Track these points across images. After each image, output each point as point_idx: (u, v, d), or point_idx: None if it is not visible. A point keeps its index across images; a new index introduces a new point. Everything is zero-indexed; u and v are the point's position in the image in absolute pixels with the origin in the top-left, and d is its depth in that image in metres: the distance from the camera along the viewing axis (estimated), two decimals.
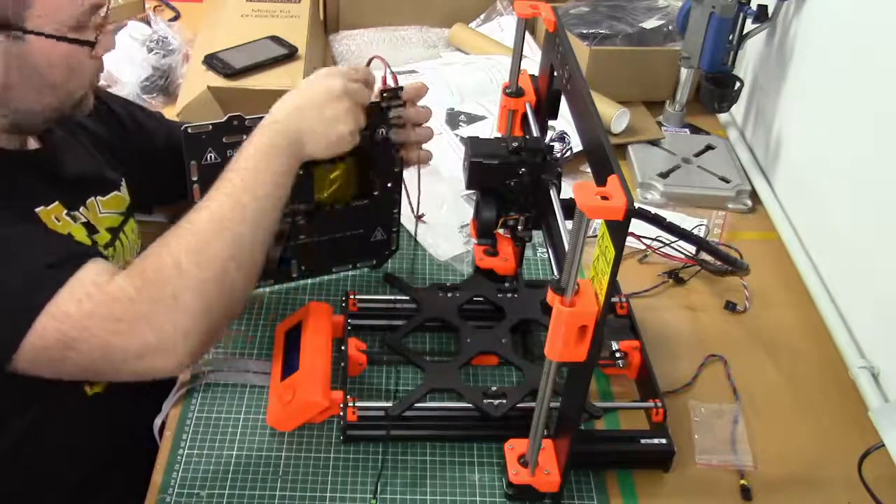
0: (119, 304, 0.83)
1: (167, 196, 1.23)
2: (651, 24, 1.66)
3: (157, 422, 1.04)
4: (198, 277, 0.85)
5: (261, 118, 0.98)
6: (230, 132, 1.00)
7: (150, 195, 1.19)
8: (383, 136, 1.07)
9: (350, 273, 1.24)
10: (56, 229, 0.94)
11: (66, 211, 0.98)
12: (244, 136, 0.98)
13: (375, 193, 1.14)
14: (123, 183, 1.11)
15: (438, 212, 1.32)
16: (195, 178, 1.02)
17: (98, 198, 1.05)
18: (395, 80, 1.06)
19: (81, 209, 1.01)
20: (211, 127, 0.99)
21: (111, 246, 1.05)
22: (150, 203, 1.23)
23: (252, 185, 0.91)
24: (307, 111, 0.96)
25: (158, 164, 1.16)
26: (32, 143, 0.99)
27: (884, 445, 0.99)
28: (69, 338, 0.82)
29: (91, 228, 1.01)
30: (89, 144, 1.09)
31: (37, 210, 0.94)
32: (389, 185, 1.14)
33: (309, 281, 1.21)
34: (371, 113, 1.04)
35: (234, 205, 0.89)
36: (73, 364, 0.84)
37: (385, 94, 1.05)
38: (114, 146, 1.13)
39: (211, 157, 1.01)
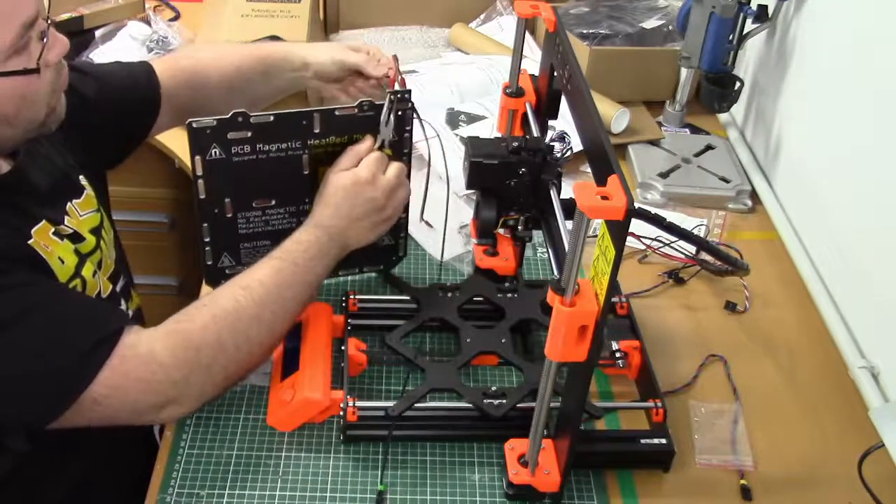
0: (154, 368, 0.89)
1: (128, 142, 1.20)
2: (651, 24, 1.66)
3: None
4: (232, 357, 0.93)
5: (267, 116, 1.00)
6: (234, 128, 1.00)
7: (106, 157, 1.16)
8: (391, 141, 1.06)
9: None
10: (47, 257, 0.92)
11: (52, 230, 0.95)
12: (248, 133, 1.00)
13: None
14: (82, 177, 1.07)
15: (439, 213, 1.32)
16: (200, 174, 1.02)
17: (74, 201, 1.03)
18: (403, 84, 1.06)
19: (66, 220, 0.99)
20: (215, 122, 0.99)
21: (97, 249, 1.03)
22: (107, 165, 1.19)
23: (299, 280, 0.99)
24: (355, 223, 1.04)
25: (104, 122, 1.12)
26: (4, 167, 0.94)
27: (884, 445, 0.99)
28: (102, 396, 0.87)
29: (76, 238, 0.99)
30: (47, 142, 1.03)
31: (32, 233, 0.92)
32: None
33: None
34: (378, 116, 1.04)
35: (278, 297, 0.97)
36: (97, 416, 0.89)
37: (392, 97, 1.04)
38: (65, 125, 1.06)
39: (215, 152, 1.01)
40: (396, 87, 1.09)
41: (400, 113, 1.05)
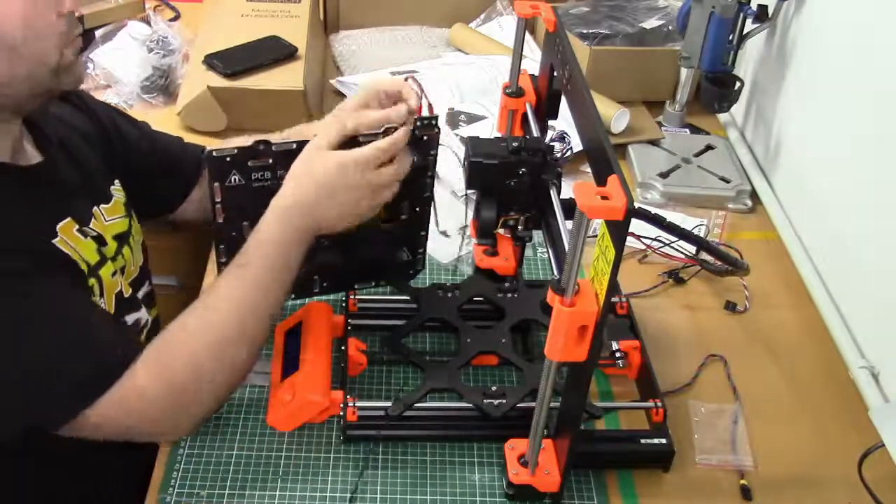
0: (142, 402, 0.89)
1: (146, 208, 1.18)
2: (651, 24, 1.66)
3: None
4: (216, 380, 0.93)
5: (290, 144, 0.99)
6: (255, 156, 0.99)
7: (144, 204, 1.15)
8: (415, 164, 1.04)
9: None
10: (71, 253, 0.93)
11: (76, 227, 0.96)
12: (270, 160, 0.99)
13: (403, 217, 1.11)
14: (117, 183, 1.09)
15: (438, 214, 1.32)
16: (219, 200, 1.00)
17: (102, 206, 1.03)
18: (431, 110, 1.03)
19: (92, 221, 0.99)
20: (236, 150, 0.98)
21: (119, 254, 1.03)
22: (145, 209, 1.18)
23: (269, 281, 0.96)
24: (327, 207, 0.97)
25: (136, 174, 1.13)
26: (34, 157, 0.96)
27: (884, 445, 0.99)
28: (93, 423, 0.88)
29: (100, 241, 1.00)
30: (82, 144, 1.05)
31: (57, 229, 0.93)
32: (418, 209, 1.11)
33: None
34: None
35: (255, 309, 0.95)
36: (94, 435, 0.90)
37: (419, 123, 1.02)
38: (103, 143, 1.10)
39: (235, 179, 0.99)
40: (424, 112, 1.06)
41: (425, 138, 1.03)
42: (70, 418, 0.87)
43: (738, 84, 1.50)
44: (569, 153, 1.10)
